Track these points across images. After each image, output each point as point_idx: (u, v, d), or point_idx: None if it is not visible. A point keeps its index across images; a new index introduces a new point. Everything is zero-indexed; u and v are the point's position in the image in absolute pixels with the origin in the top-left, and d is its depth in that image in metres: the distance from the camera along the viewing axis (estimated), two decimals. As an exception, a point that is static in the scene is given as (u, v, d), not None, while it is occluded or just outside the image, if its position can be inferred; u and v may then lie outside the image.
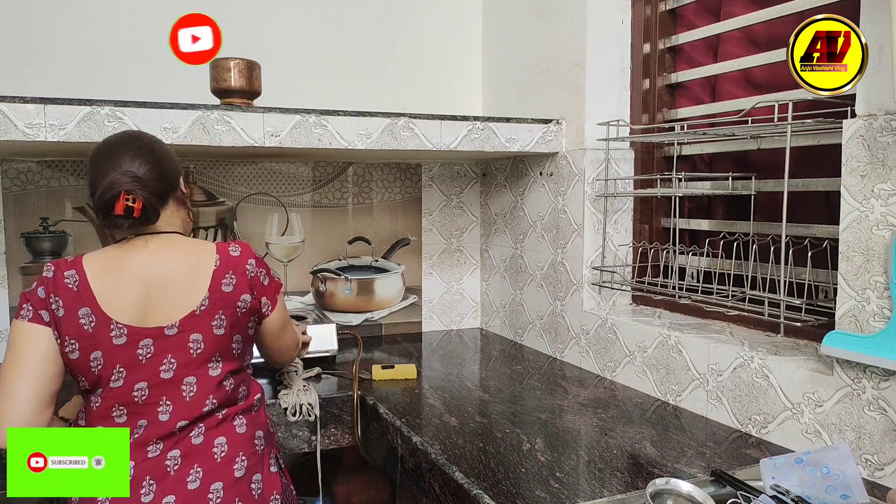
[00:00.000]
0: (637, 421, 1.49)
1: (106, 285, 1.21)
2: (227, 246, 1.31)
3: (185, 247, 1.29)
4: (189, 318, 1.24)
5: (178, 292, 1.24)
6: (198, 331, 1.24)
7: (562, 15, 1.99)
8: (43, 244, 2.01)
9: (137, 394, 1.21)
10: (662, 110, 1.87)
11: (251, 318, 1.31)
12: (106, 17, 2.07)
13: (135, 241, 1.26)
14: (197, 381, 1.24)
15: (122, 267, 1.23)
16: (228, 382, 1.28)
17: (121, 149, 1.25)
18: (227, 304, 1.26)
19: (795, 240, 1.40)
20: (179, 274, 1.25)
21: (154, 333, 1.22)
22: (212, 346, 1.25)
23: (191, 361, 1.24)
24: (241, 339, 1.30)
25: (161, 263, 1.24)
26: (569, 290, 1.98)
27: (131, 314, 1.21)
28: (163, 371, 1.22)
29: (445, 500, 1.26)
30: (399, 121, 1.81)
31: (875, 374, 1.18)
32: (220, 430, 1.26)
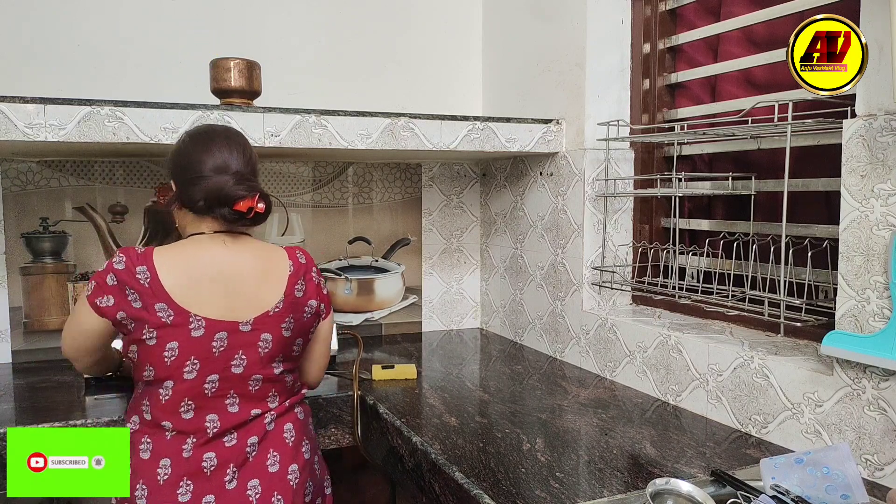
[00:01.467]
0: (637, 421, 1.49)
1: (180, 280, 1.23)
2: (294, 252, 1.36)
3: (258, 249, 1.33)
4: (263, 317, 1.28)
5: (254, 292, 1.28)
6: (268, 331, 1.29)
7: (562, 15, 1.99)
8: (43, 244, 2.01)
9: (208, 386, 1.25)
10: (662, 110, 1.87)
11: (314, 324, 1.38)
12: (106, 17, 2.07)
13: (213, 237, 1.29)
14: (263, 378, 1.29)
15: (196, 264, 1.26)
16: (289, 379, 1.35)
17: (234, 145, 1.30)
18: (297, 309, 1.32)
19: (795, 240, 1.40)
20: (256, 274, 1.29)
21: (229, 327, 1.25)
22: (278, 346, 1.30)
23: (259, 360, 1.28)
24: (301, 342, 1.36)
25: (238, 262, 1.28)
26: (569, 290, 1.98)
27: (208, 308, 1.24)
28: (234, 366, 1.26)
29: (445, 500, 1.26)
30: (399, 121, 1.81)
31: (875, 374, 1.18)
32: (287, 417, 1.34)
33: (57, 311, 2.03)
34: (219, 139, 1.30)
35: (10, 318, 1.99)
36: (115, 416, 1.50)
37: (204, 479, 1.23)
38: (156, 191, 2.10)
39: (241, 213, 1.26)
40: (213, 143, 1.29)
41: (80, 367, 1.42)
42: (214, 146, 1.28)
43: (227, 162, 1.27)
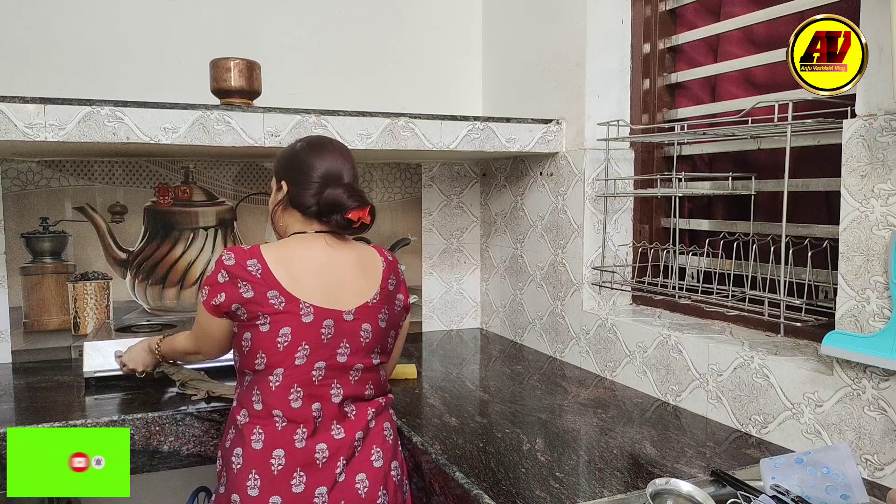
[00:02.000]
0: (637, 421, 1.49)
1: (287, 273, 1.29)
2: (382, 250, 1.46)
3: (354, 246, 1.40)
4: (363, 308, 1.34)
5: (354, 284, 1.34)
6: (368, 321, 1.34)
7: (562, 15, 1.99)
8: (43, 244, 2.01)
9: (316, 373, 1.29)
10: (662, 110, 1.87)
11: (403, 318, 1.45)
12: (106, 17, 2.07)
13: (315, 236, 1.35)
14: (363, 368, 1.34)
15: (298, 259, 1.32)
16: (382, 373, 1.40)
17: (347, 157, 1.40)
18: (390, 301, 1.39)
19: (795, 240, 1.40)
20: (355, 268, 1.36)
21: (335, 316, 1.30)
22: (376, 337, 1.36)
23: (360, 349, 1.33)
24: (394, 335, 1.43)
25: (339, 257, 1.35)
26: (569, 290, 1.98)
27: (316, 296, 1.29)
28: (339, 354, 1.31)
29: (445, 500, 1.26)
30: (399, 121, 1.81)
31: (875, 374, 1.18)
32: (385, 416, 1.38)
33: (57, 310, 2.03)
34: (334, 150, 1.40)
35: (10, 318, 1.99)
36: (114, 416, 1.50)
37: (316, 471, 1.26)
38: (156, 191, 2.10)
39: (350, 222, 1.33)
40: (329, 153, 1.38)
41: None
42: (330, 156, 1.37)
43: (340, 172, 1.36)
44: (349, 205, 1.32)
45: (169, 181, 2.11)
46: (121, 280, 2.09)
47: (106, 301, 2.08)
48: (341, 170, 1.37)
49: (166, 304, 2.13)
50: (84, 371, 1.71)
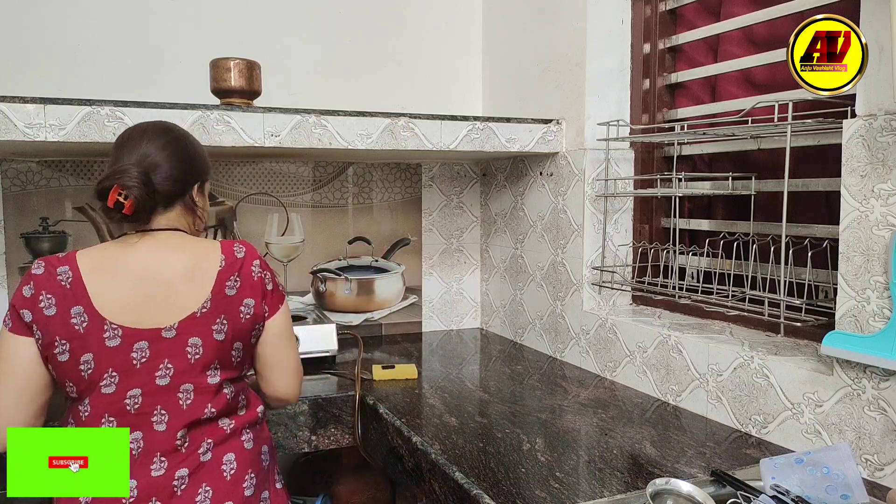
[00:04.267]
0: (637, 421, 1.49)
1: (101, 283, 1.14)
2: (231, 245, 1.23)
3: (187, 245, 1.21)
4: (189, 320, 1.16)
5: (179, 293, 1.16)
6: (197, 334, 1.16)
7: (562, 15, 1.99)
8: (43, 244, 2.01)
9: (130, 402, 1.14)
10: (662, 110, 1.87)
11: (255, 326, 1.23)
12: (105, 17, 2.07)
13: (129, 237, 1.19)
14: (194, 388, 1.17)
15: (117, 264, 1.16)
16: (228, 390, 1.21)
17: (145, 137, 1.21)
18: (229, 308, 1.19)
19: (795, 240, 1.40)
20: (179, 273, 1.17)
21: (150, 336, 1.14)
22: (211, 351, 1.17)
23: (188, 368, 1.16)
24: (241, 346, 1.22)
25: (160, 261, 1.17)
26: (569, 290, 1.98)
27: (126, 314, 1.14)
28: (158, 377, 1.14)
29: (445, 500, 1.26)
30: (399, 121, 1.81)
31: (875, 374, 1.18)
32: (229, 445, 1.19)
33: (57, 311, 2.03)
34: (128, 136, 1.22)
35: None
36: (115, 416, 1.50)
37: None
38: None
39: (115, 210, 1.13)
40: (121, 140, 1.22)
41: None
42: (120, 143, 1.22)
43: (120, 159, 1.18)
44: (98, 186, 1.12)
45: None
46: (121, 280, 2.08)
47: (106, 301, 2.08)
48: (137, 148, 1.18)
49: (166, 304, 2.13)
50: (84, 371, 1.71)
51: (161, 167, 1.19)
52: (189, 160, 1.25)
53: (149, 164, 1.18)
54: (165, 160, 1.20)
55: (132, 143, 1.20)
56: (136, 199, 1.14)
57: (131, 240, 1.19)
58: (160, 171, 1.19)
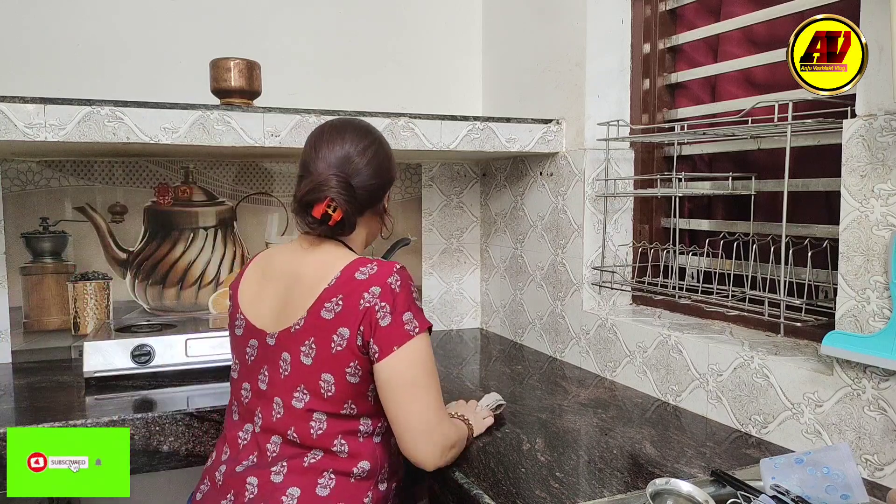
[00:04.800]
0: (637, 421, 1.49)
1: (252, 275, 1.22)
2: (362, 263, 1.11)
3: (328, 256, 1.14)
4: (285, 333, 1.11)
5: (293, 303, 1.11)
6: (289, 350, 1.10)
7: (562, 15, 1.99)
8: (43, 244, 2.01)
9: (244, 393, 1.17)
10: (662, 110, 1.87)
11: (351, 361, 1.07)
12: (105, 17, 2.07)
13: (300, 240, 1.19)
14: (283, 404, 1.11)
15: (272, 262, 1.21)
16: (318, 424, 1.09)
17: (346, 139, 1.15)
18: (321, 333, 1.07)
19: (795, 240, 1.40)
20: (304, 283, 1.12)
21: (260, 336, 1.14)
22: (297, 373, 1.09)
23: (279, 382, 1.11)
24: (332, 380, 1.08)
25: (300, 268, 1.14)
26: (569, 290, 1.98)
27: (252, 309, 1.17)
28: (260, 381, 1.14)
29: (445, 500, 1.26)
30: (399, 121, 1.81)
31: (875, 374, 1.18)
32: (302, 478, 1.08)
33: (57, 311, 2.03)
34: (326, 135, 1.17)
35: (10, 318, 1.99)
36: (115, 416, 1.50)
37: (215, 492, 1.14)
38: (155, 191, 2.10)
39: (321, 221, 1.11)
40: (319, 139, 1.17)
41: None
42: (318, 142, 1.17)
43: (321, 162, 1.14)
44: (305, 198, 1.11)
45: (169, 181, 2.11)
46: (121, 280, 2.09)
47: (106, 301, 2.08)
48: (337, 151, 1.14)
49: (166, 304, 2.13)
50: (84, 371, 1.71)
51: (360, 174, 1.15)
52: (386, 165, 1.20)
53: (351, 171, 1.14)
54: (366, 167, 1.15)
55: (330, 144, 1.15)
56: (346, 213, 1.12)
57: (301, 243, 1.19)
58: (359, 179, 1.15)
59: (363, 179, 1.15)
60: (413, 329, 1.08)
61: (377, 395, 1.10)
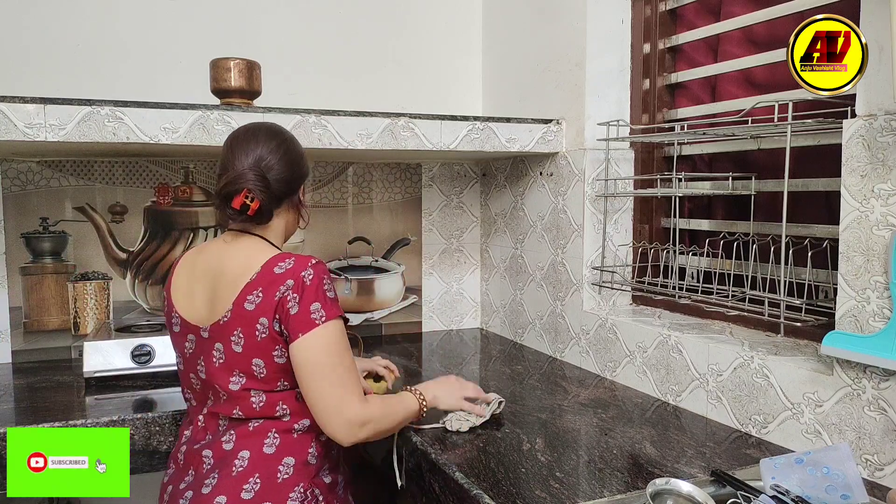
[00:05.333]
0: (637, 421, 1.49)
1: (182, 273, 1.30)
2: (280, 259, 1.20)
3: (250, 251, 1.24)
4: (216, 325, 1.21)
5: (220, 297, 1.22)
6: (220, 340, 1.21)
7: (562, 15, 1.99)
8: (43, 244, 2.01)
9: (193, 381, 1.28)
10: (662, 110, 1.87)
11: (276, 346, 1.19)
12: (105, 17, 2.07)
13: (224, 236, 1.29)
14: (222, 388, 1.22)
15: (198, 259, 1.29)
16: (257, 398, 1.21)
17: (259, 140, 1.27)
18: (246, 323, 1.18)
19: (795, 240, 1.40)
20: (228, 278, 1.22)
21: (195, 331, 1.25)
22: (231, 360, 1.20)
23: (215, 370, 1.22)
24: (263, 364, 1.20)
25: (223, 263, 1.24)
26: (569, 290, 1.98)
27: (185, 307, 1.27)
28: (199, 371, 1.25)
29: (445, 500, 1.26)
30: (399, 121, 1.81)
31: (875, 374, 1.18)
32: (248, 442, 1.20)
33: (57, 311, 2.03)
34: (241, 138, 1.28)
35: (10, 318, 1.99)
36: (115, 416, 1.50)
37: (178, 471, 1.27)
38: (155, 191, 2.10)
39: (240, 211, 1.21)
40: (234, 141, 1.28)
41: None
42: (234, 144, 1.27)
43: (237, 161, 1.24)
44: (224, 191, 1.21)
45: (169, 181, 2.11)
46: (121, 280, 2.09)
47: (106, 301, 2.08)
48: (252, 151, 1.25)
49: (166, 304, 2.13)
50: (84, 371, 1.71)
51: (274, 169, 1.25)
52: (298, 160, 1.32)
53: (265, 167, 1.24)
54: (278, 163, 1.26)
55: (245, 145, 1.26)
56: (263, 203, 1.22)
57: (225, 238, 1.29)
58: (273, 174, 1.25)
59: (276, 173, 1.26)
60: (320, 318, 1.17)
61: None
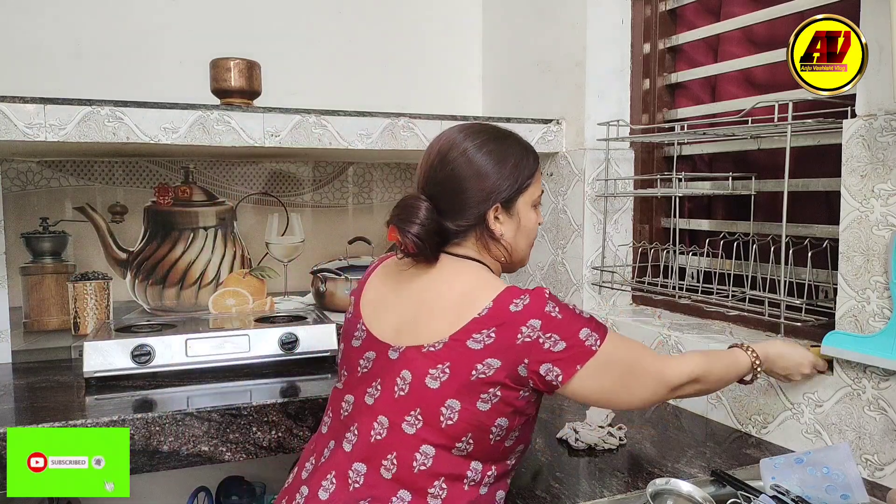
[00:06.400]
0: (637, 421, 1.49)
1: (378, 285, 1.16)
2: (514, 296, 1.01)
3: (466, 277, 1.07)
4: (414, 351, 1.02)
5: (424, 321, 1.04)
6: (412, 370, 1.01)
7: (562, 15, 1.99)
8: (43, 244, 2.01)
9: (345, 406, 1.08)
10: (662, 110, 1.87)
11: (490, 388, 0.99)
12: (106, 17, 2.07)
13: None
14: (389, 426, 1.00)
15: (399, 275, 1.13)
16: (423, 457, 0.98)
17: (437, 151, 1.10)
18: (462, 360, 0.99)
19: (795, 240, 1.40)
20: (438, 303, 1.05)
21: (380, 348, 1.07)
22: (415, 395, 1.00)
23: (392, 401, 1.01)
24: (458, 407, 0.98)
25: (431, 286, 1.07)
26: (569, 290, 1.98)
27: (374, 319, 1.10)
28: (368, 393, 1.04)
29: (445, 500, 1.26)
30: (399, 121, 1.81)
31: (875, 374, 1.18)
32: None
33: (57, 310, 2.03)
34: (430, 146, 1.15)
35: (10, 318, 1.99)
36: (115, 416, 1.50)
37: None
38: (155, 191, 2.10)
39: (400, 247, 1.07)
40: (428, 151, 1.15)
41: None
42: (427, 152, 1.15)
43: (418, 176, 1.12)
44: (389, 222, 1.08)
45: (169, 181, 2.11)
46: (121, 280, 2.09)
47: (106, 301, 2.08)
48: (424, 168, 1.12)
49: (166, 304, 2.13)
50: (84, 371, 1.71)
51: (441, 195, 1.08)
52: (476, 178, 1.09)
53: (430, 191, 1.09)
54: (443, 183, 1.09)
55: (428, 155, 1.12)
56: (415, 243, 1.04)
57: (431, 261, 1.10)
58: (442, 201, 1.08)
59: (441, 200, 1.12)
60: (594, 343, 1.01)
61: (502, 438, 1.02)
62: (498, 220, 1.10)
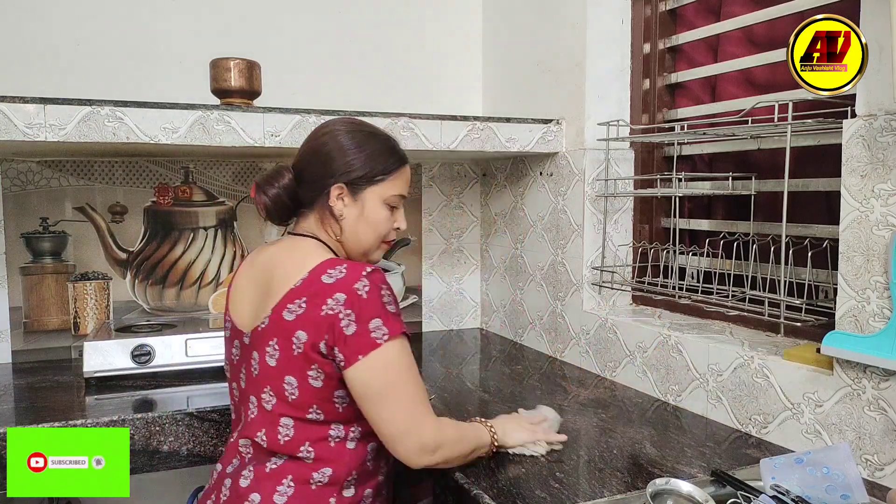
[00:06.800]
0: (637, 421, 1.49)
1: (242, 273, 1.23)
2: (330, 265, 1.06)
3: (300, 252, 1.12)
4: (255, 332, 1.10)
5: (263, 301, 1.11)
6: (258, 350, 1.09)
7: (562, 15, 1.99)
8: (43, 244, 2.01)
9: (235, 393, 1.20)
10: (662, 110, 1.87)
11: (312, 364, 1.04)
12: (106, 17, 2.07)
13: (288, 236, 1.23)
14: (256, 404, 1.10)
15: (253, 262, 1.22)
16: (285, 429, 1.07)
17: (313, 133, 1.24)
18: (283, 334, 1.05)
19: (795, 240, 1.40)
20: (272, 282, 1.11)
21: (240, 336, 1.16)
22: (264, 374, 1.08)
23: (253, 380, 1.11)
24: (295, 383, 1.06)
25: (272, 267, 1.13)
26: (569, 290, 1.98)
27: (237, 309, 1.19)
28: (241, 379, 1.16)
29: (445, 500, 1.26)
30: (399, 121, 1.81)
31: (875, 374, 1.18)
32: (262, 485, 1.07)
33: (57, 311, 2.03)
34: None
35: (10, 318, 1.99)
36: (115, 416, 1.50)
37: (209, 489, 1.20)
38: (155, 191, 2.10)
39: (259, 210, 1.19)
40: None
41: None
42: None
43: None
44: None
45: (169, 181, 2.11)
46: (121, 280, 2.09)
47: (106, 301, 2.08)
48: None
49: (166, 304, 2.13)
50: (84, 371, 1.71)
51: (298, 165, 1.21)
52: (323, 157, 1.17)
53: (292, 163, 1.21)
54: (299, 157, 1.21)
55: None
56: (266, 203, 1.17)
57: (277, 241, 1.23)
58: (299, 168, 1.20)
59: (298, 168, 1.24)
60: (381, 336, 1.03)
61: (350, 400, 1.07)
62: (342, 199, 1.17)
